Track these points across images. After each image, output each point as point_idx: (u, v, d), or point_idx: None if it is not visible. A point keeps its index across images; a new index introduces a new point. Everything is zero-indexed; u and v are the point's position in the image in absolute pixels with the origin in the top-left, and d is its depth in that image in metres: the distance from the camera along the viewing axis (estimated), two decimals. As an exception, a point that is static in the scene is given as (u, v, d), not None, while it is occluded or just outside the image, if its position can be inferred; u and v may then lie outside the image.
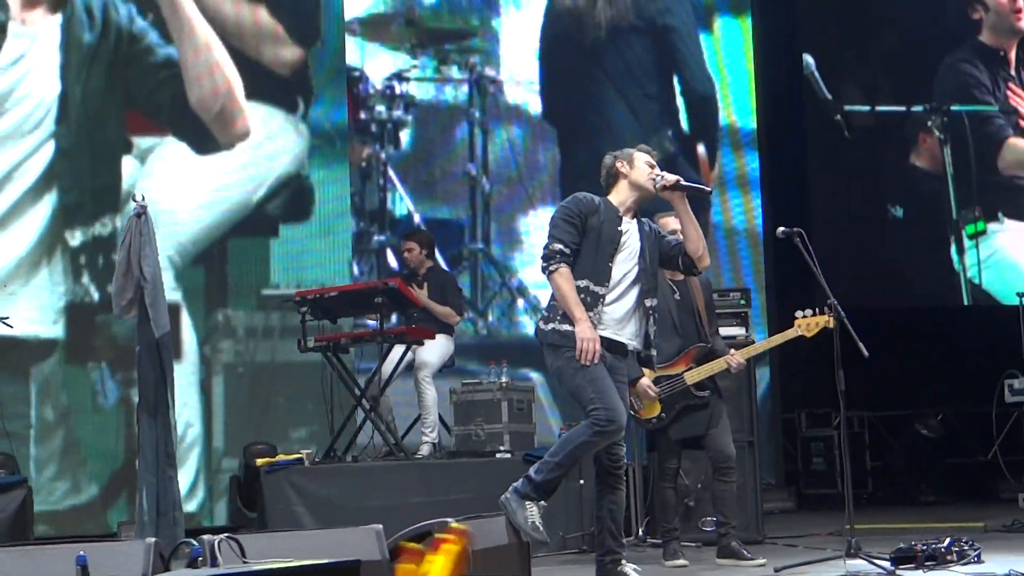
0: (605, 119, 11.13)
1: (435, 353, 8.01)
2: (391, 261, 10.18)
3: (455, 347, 8.34)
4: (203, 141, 9.55)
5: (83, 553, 3.89)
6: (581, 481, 7.02)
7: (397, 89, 10.53)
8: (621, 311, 5.39)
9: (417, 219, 10.40)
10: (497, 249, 10.71)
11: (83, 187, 9.20)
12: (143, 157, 9.43)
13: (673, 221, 6.01)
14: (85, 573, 3.87)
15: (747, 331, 7.71)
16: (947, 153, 12.13)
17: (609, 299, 5.36)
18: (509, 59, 10.97)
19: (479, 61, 10.86)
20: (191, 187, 9.49)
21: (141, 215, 5.95)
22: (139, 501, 5.86)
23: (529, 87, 10.99)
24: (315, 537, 4.66)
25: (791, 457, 11.25)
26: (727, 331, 7.36)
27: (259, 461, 7.45)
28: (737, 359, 6.47)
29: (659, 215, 6.34)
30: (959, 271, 12.08)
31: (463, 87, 10.81)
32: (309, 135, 9.89)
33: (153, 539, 4.13)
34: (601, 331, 5.30)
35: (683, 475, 6.97)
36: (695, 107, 11.49)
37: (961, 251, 12.08)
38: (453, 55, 10.83)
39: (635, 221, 5.52)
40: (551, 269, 5.32)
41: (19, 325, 8.57)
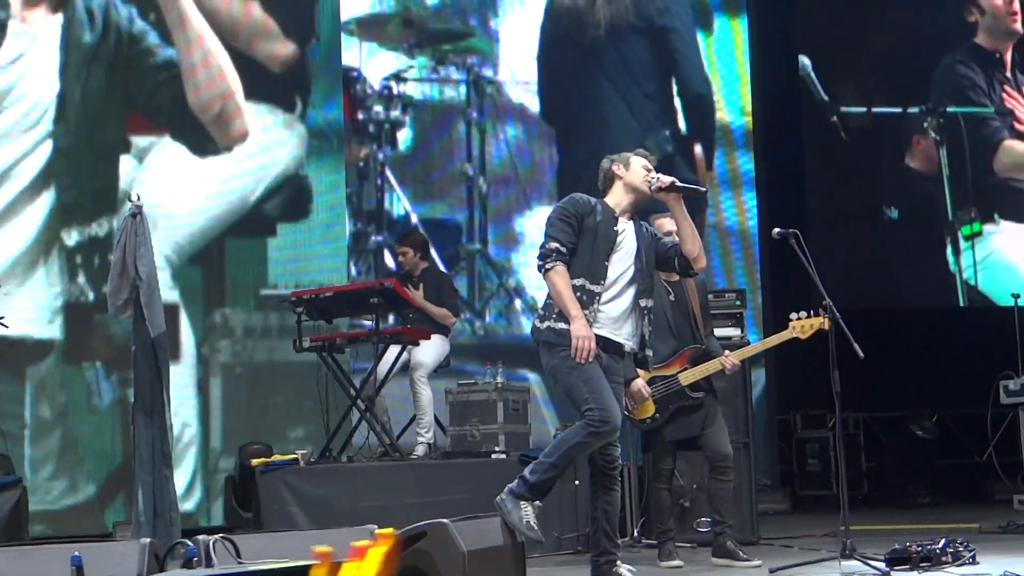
0: (603, 119, 11.14)
1: (430, 354, 8.01)
2: (388, 261, 10.18)
3: (451, 347, 8.34)
4: (202, 143, 9.55)
5: (78, 553, 3.90)
6: (576, 482, 7.02)
7: (395, 89, 10.54)
8: (617, 310, 5.40)
9: (414, 219, 10.41)
10: (494, 249, 10.71)
11: (80, 187, 9.19)
12: (141, 156, 9.44)
13: (669, 222, 6.02)
14: (80, 573, 3.88)
15: (742, 332, 7.73)
16: (943, 154, 12.15)
17: (605, 298, 5.37)
18: (507, 59, 10.98)
19: (476, 61, 10.87)
20: (189, 186, 9.49)
21: (136, 215, 5.95)
22: (135, 501, 5.85)
23: (527, 87, 11.00)
24: (310, 537, 4.66)
25: (786, 458, 11.26)
26: (722, 332, 7.37)
27: (254, 461, 7.45)
28: (731, 360, 6.48)
29: (655, 216, 6.35)
30: (955, 272, 12.10)
31: (460, 87, 10.82)
32: (307, 134, 9.90)
33: (148, 539, 4.14)
34: (597, 330, 5.31)
35: (678, 476, 6.98)
36: (692, 107, 11.49)
37: (957, 252, 12.09)
38: (450, 55, 10.83)
39: (631, 222, 5.53)
40: (547, 267, 5.33)
41: (15, 324, 8.56)
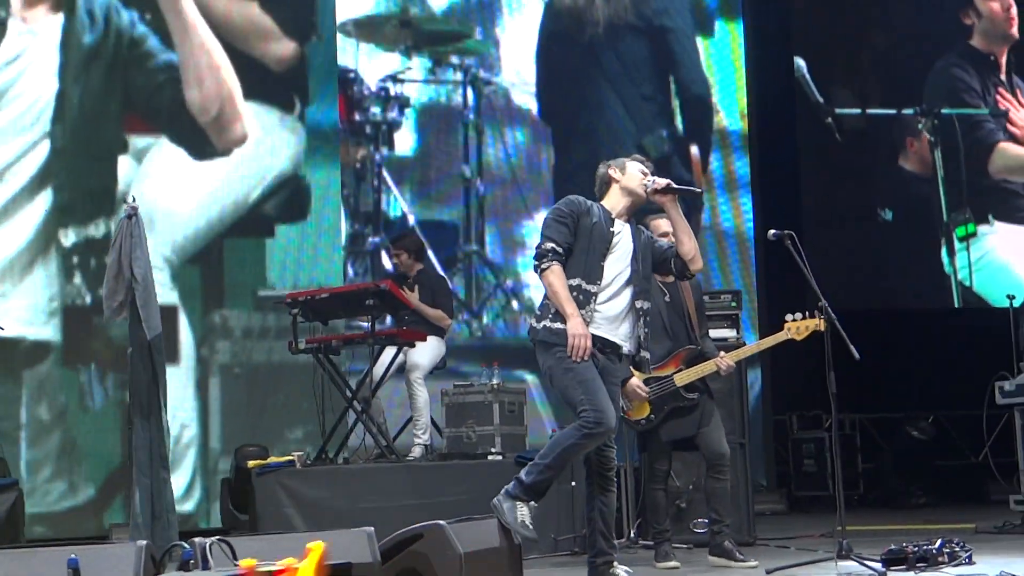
0: (601, 118, 11.16)
1: (426, 355, 8.01)
2: (385, 263, 10.18)
3: (447, 349, 8.35)
4: (200, 146, 9.56)
5: (75, 556, 3.88)
6: (573, 483, 7.02)
7: (392, 91, 10.54)
8: (614, 310, 5.41)
9: (411, 221, 10.41)
10: (492, 251, 10.71)
11: (78, 187, 9.21)
12: (139, 156, 9.45)
13: (665, 224, 6.04)
14: (77, 576, 3.87)
15: (738, 333, 7.72)
16: (938, 156, 12.16)
17: (602, 298, 5.38)
18: (504, 60, 10.99)
19: (474, 63, 10.87)
20: (187, 187, 9.52)
21: (132, 217, 5.95)
22: (132, 504, 5.85)
23: (524, 88, 11.00)
24: (306, 539, 4.65)
25: (782, 459, 11.27)
26: (718, 333, 7.38)
27: (250, 463, 7.44)
28: (726, 361, 6.48)
29: (652, 217, 6.36)
30: (950, 274, 12.12)
31: (458, 88, 10.82)
32: (306, 134, 9.90)
33: (145, 542, 4.12)
34: (594, 330, 5.32)
35: (674, 477, 6.98)
36: (690, 108, 11.51)
37: (952, 253, 12.11)
38: (448, 56, 10.84)
39: (628, 224, 5.54)
40: (543, 267, 5.34)
41: (13, 325, 8.59)
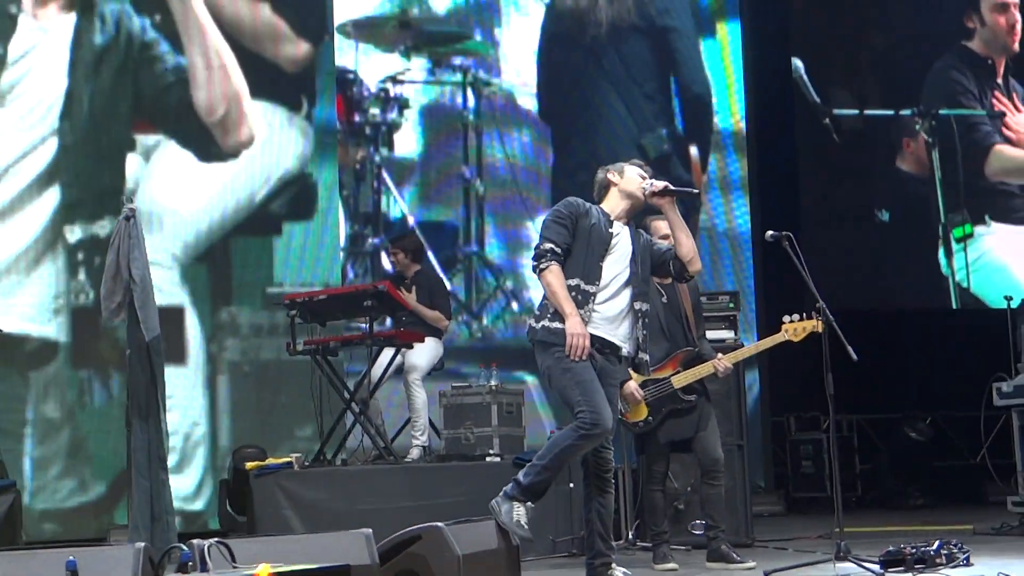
0: (601, 118, 11.17)
1: (424, 356, 8.02)
2: (385, 263, 10.18)
3: (446, 350, 8.35)
4: (207, 148, 9.59)
5: (73, 558, 3.89)
6: (571, 484, 7.02)
7: (391, 91, 10.55)
8: (613, 311, 5.42)
9: (411, 222, 10.42)
10: (491, 252, 10.72)
11: (86, 185, 9.24)
12: (147, 154, 9.48)
13: (666, 225, 6.04)
14: (75, 578, 3.87)
15: (736, 334, 7.73)
16: (935, 157, 12.17)
17: (600, 298, 5.39)
18: (504, 62, 11.00)
19: (474, 64, 10.88)
20: (195, 185, 9.56)
21: (130, 218, 5.95)
22: (131, 506, 5.85)
23: (524, 89, 11.01)
24: (305, 541, 4.66)
25: (780, 460, 11.27)
26: (716, 334, 7.37)
27: (248, 465, 7.44)
28: (724, 363, 6.49)
29: (651, 218, 6.37)
30: (947, 275, 12.12)
31: (457, 90, 10.83)
32: (313, 134, 9.92)
33: (143, 544, 4.13)
34: (592, 330, 5.33)
35: (672, 478, 6.98)
36: (690, 108, 11.52)
37: (949, 254, 12.11)
38: (448, 58, 10.84)
39: (627, 227, 5.56)
40: (541, 267, 5.36)
41: (18, 322, 8.64)
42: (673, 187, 5.60)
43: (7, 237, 9.04)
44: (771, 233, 6.18)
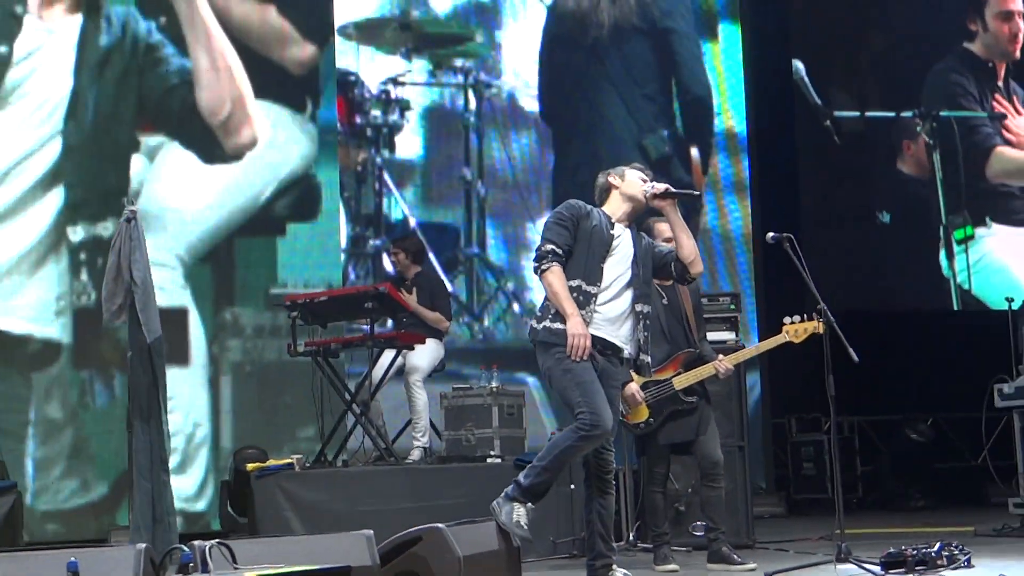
0: (603, 119, 11.17)
1: (425, 358, 8.02)
2: (387, 265, 10.19)
3: (447, 351, 8.36)
4: (211, 150, 9.61)
5: (74, 559, 3.89)
6: (572, 486, 7.02)
7: (392, 93, 10.55)
8: (614, 312, 5.43)
9: (413, 223, 10.42)
10: (492, 253, 10.72)
11: (90, 186, 9.26)
12: (151, 155, 9.50)
13: (668, 227, 6.04)
14: (76, 579, 3.88)
15: (737, 336, 7.72)
16: (936, 159, 12.17)
17: (602, 299, 5.40)
18: (505, 63, 11.00)
19: (475, 65, 10.88)
20: (199, 186, 9.57)
21: (131, 220, 5.95)
22: (132, 508, 5.85)
23: (526, 91, 11.02)
24: (306, 543, 4.67)
25: (781, 462, 11.27)
26: (717, 336, 7.37)
27: (249, 466, 7.44)
28: (725, 365, 6.48)
29: (654, 220, 6.37)
30: (948, 276, 12.12)
31: (459, 91, 10.83)
32: (317, 135, 9.94)
33: (144, 545, 4.13)
34: (594, 331, 5.34)
35: (673, 480, 6.98)
36: (691, 110, 11.52)
37: (950, 256, 12.11)
38: (449, 60, 10.85)
39: (628, 229, 5.57)
40: (543, 268, 5.37)
41: (23, 323, 8.73)
42: (674, 189, 5.62)
43: (10, 237, 9.07)
44: (772, 235, 6.18)
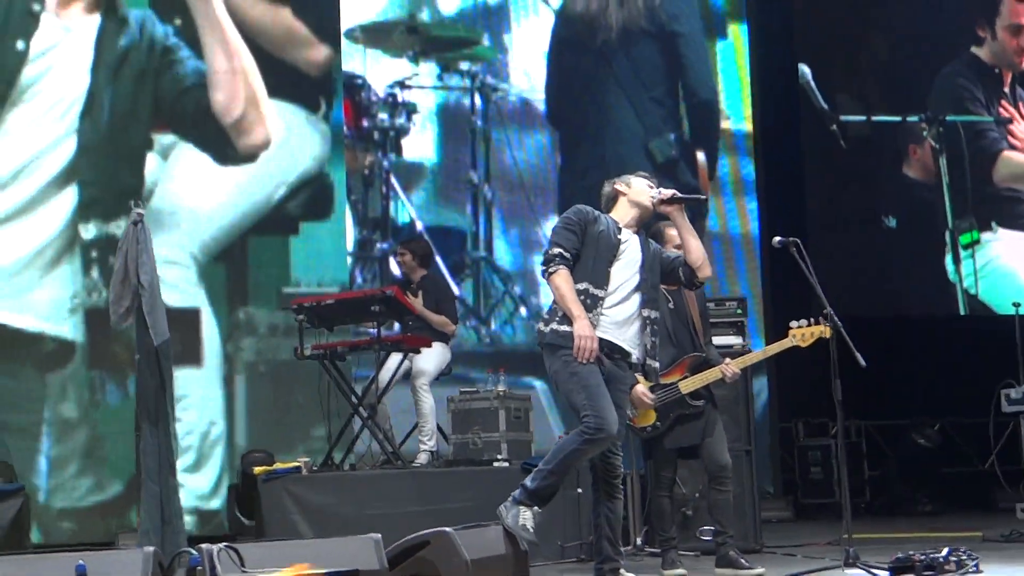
0: (610, 121, 11.18)
1: (432, 361, 8.02)
2: (394, 268, 10.19)
3: (453, 355, 8.36)
4: (224, 151, 9.64)
5: (82, 562, 3.90)
6: (579, 490, 7.02)
7: (400, 96, 10.56)
8: (622, 315, 5.43)
9: (420, 227, 10.42)
10: (499, 257, 10.73)
11: (104, 185, 9.29)
12: (165, 154, 9.53)
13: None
14: (84, 582, 3.88)
15: (743, 339, 7.72)
16: (942, 163, 12.15)
17: (609, 303, 5.40)
18: (512, 66, 11.01)
19: (482, 69, 10.89)
20: (213, 185, 9.61)
21: (138, 223, 5.96)
22: (140, 510, 5.86)
23: (532, 94, 11.03)
24: (313, 546, 4.67)
25: (789, 466, 11.25)
26: (724, 340, 7.37)
27: (256, 469, 7.45)
28: (731, 369, 6.46)
29: (665, 224, 6.36)
30: (955, 281, 12.09)
31: (465, 95, 10.84)
32: (331, 135, 9.97)
33: (152, 548, 4.14)
34: (601, 333, 5.34)
35: (680, 484, 6.96)
36: (697, 113, 11.52)
37: (957, 261, 12.08)
38: (456, 63, 10.86)
39: (636, 235, 5.58)
40: (550, 271, 5.38)
41: (37, 321, 8.79)
42: (681, 195, 5.63)
43: (24, 234, 9.11)
44: (778, 239, 6.17)
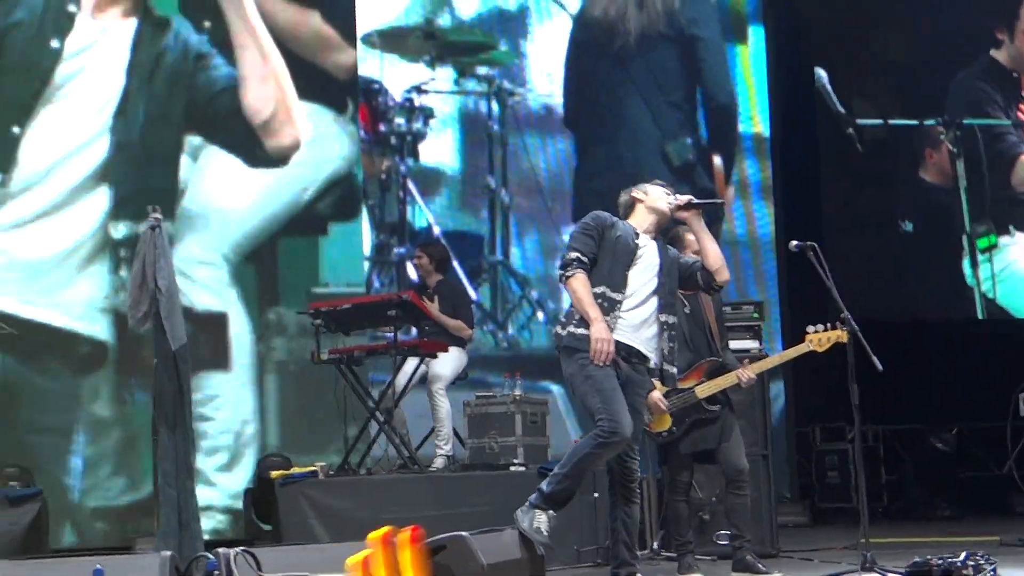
0: (627, 125, 11.18)
1: (448, 366, 8.03)
2: (411, 273, 10.20)
3: (470, 359, 8.36)
4: (254, 153, 9.71)
5: (100, 566, 3.92)
6: (596, 494, 7.01)
7: (416, 101, 10.58)
8: (639, 318, 5.46)
9: (437, 231, 10.44)
10: (516, 261, 10.73)
11: (136, 185, 9.34)
12: (195, 155, 9.60)
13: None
14: (102, 585, 3.90)
15: (760, 344, 7.71)
16: (960, 166, 12.10)
17: (626, 306, 5.42)
18: (529, 71, 11.02)
19: (499, 73, 10.90)
20: (243, 186, 9.67)
21: (156, 228, 5.98)
22: (158, 514, 5.87)
23: (550, 99, 11.03)
24: (330, 550, 4.68)
25: (805, 471, 11.22)
26: (740, 344, 7.36)
27: (273, 474, 7.47)
28: (748, 373, 6.46)
29: (684, 228, 6.36)
30: (972, 285, 12.04)
31: (483, 100, 10.85)
32: (358, 136, 10.03)
33: (169, 552, 4.16)
34: (618, 336, 5.36)
35: (697, 488, 6.96)
36: (715, 117, 11.51)
37: (975, 265, 12.03)
38: (473, 68, 10.87)
39: (654, 241, 5.60)
40: (568, 275, 5.42)
41: (71, 320, 8.89)
42: (697, 200, 5.66)
43: (56, 233, 9.17)
44: (795, 243, 6.16)
